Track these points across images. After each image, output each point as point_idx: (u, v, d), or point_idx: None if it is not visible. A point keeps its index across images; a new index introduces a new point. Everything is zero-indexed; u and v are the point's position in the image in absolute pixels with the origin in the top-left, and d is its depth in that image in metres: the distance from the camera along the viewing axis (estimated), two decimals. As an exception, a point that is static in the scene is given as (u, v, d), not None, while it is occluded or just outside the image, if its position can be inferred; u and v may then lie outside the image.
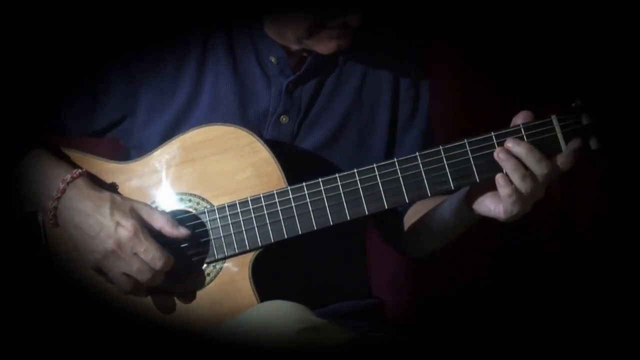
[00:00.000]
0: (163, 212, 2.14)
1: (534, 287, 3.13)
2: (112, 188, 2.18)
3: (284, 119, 2.25)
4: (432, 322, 3.07)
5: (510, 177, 2.04)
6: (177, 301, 2.14)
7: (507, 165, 2.05)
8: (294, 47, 2.22)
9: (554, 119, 2.06)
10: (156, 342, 2.12)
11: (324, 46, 2.17)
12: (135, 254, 2.07)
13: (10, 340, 2.16)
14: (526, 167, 2.04)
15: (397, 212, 2.37)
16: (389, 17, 2.32)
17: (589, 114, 2.04)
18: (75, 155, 2.22)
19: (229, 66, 2.25)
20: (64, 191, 2.12)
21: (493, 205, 2.08)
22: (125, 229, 2.08)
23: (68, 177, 2.12)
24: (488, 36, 2.99)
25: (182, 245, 2.15)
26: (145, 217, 2.11)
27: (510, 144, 2.05)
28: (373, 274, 2.46)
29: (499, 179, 2.05)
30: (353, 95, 2.29)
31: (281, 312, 2.01)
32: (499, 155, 2.05)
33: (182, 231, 2.12)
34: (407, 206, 2.35)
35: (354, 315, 2.24)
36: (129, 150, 2.29)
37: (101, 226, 2.09)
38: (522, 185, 2.03)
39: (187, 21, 2.26)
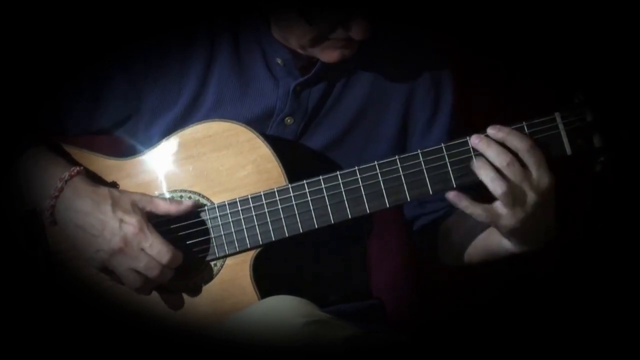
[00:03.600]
0: (163, 197, 2.14)
1: (534, 287, 3.13)
2: (111, 185, 2.17)
3: (288, 121, 2.24)
4: (432, 322, 3.07)
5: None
6: (180, 298, 2.14)
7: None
8: (300, 51, 2.21)
9: (557, 116, 2.05)
10: (158, 340, 2.12)
11: (328, 55, 2.16)
12: (142, 249, 2.06)
13: (11, 340, 2.15)
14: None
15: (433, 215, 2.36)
16: (394, 19, 2.31)
17: (592, 109, 2.03)
18: (74, 151, 2.21)
19: (234, 66, 2.24)
20: (61, 190, 2.11)
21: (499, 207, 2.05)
22: (131, 224, 2.07)
23: (66, 175, 2.11)
24: (488, 33, 2.99)
25: (185, 243, 2.14)
26: (148, 206, 2.10)
27: (474, 140, 2.05)
28: (373, 274, 2.44)
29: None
30: (360, 100, 2.28)
31: (287, 306, 2.02)
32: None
33: (188, 203, 2.11)
34: (446, 211, 2.33)
35: (354, 315, 2.23)
36: (135, 147, 2.27)
37: (104, 224, 2.08)
38: (494, 188, 2.02)
39: (193, 22, 2.25)
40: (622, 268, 3.05)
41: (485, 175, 2.02)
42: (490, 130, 2.05)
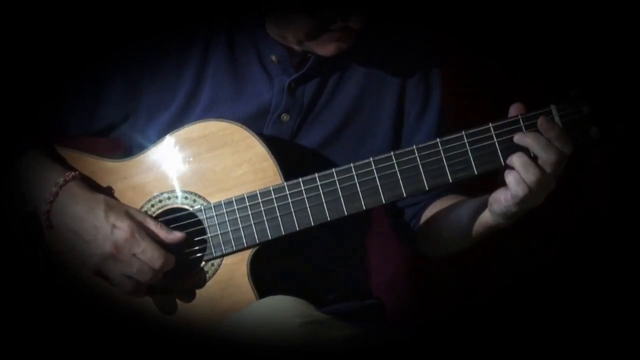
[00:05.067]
0: (155, 219, 2.13)
1: (534, 287, 3.12)
2: (107, 188, 2.18)
3: (285, 117, 2.24)
4: (432, 322, 3.06)
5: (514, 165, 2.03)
6: (177, 300, 2.13)
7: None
8: (296, 47, 2.21)
9: (553, 108, 2.04)
10: (156, 340, 2.11)
11: (325, 48, 2.17)
12: (134, 254, 2.06)
13: (11, 340, 2.15)
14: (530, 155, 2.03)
15: (414, 210, 2.37)
16: (391, 18, 2.31)
17: (588, 102, 2.03)
18: (70, 154, 2.22)
19: (229, 66, 2.25)
20: (57, 194, 2.12)
21: (503, 195, 2.05)
22: (122, 230, 2.07)
23: (61, 180, 2.12)
24: (483, 29, 2.99)
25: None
26: (139, 219, 2.10)
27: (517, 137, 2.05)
28: (373, 274, 2.44)
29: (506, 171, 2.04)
30: (355, 94, 2.28)
31: (284, 306, 2.02)
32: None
33: (177, 235, 2.11)
34: (426, 203, 2.35)
35: (354, 315, 2.23)
36: (132, 149, 2.27)
37: (97, 229, 2.08)
38: (525, 172, 2.01)
39: (189, 22, 2.26)
40: (622, 264, 3.05)
41: (518, 161, 2.01)
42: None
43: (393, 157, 2.08)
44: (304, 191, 2.10)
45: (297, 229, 2.10)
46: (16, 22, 2.69)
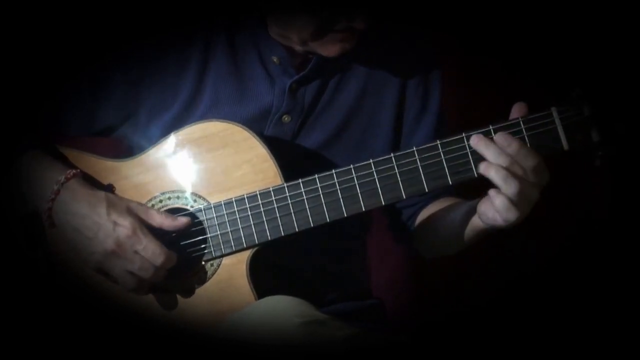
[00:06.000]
0: (159, 210, 2.13)
1: (533, 287, 3.12)
2: (108, 187, 2.18)
3: (286, 119, 2.24)
4: (432, 322, 3.06)
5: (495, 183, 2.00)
6: (177, 298, 2.14)
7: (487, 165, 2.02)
8: (298, 48, 2.21)
9: (553, 111, 2.04)
10: (155, 340, 2.11)
11: (328, 49, 2.17)
12: (136, 251, 2.07)
13: (11, 340, 2.15)
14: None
15: (411, 210, 2.37)
16: (393, 19, 2.31)
17: (589, 103, 2.02)
18: (71, 153, 2.22)
19: (230, 67, 2.24)
20: (58, 192, 2.11)
21: (491, 213, 2.04)
22: (124, 227, 2.07)
23: (62, 178, 2.12)
24: (483, 30, 2.99)
25: (181, 243, 2.14)
26: (143, 216, 2.11)
27: (474, 141, 2.03)
28: (373, 274, 2.45)
29: (490, 191, 2.02)
30: (356, 96, 2.28)
31: (283, 306, 2.02)
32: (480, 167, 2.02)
33: (182, 220, 2.12)
34: (422, 205, 2.35)
35: (354, 315, 2.23)
36: (132, 149, 2.27)
37: (99, 226, 2.08)
38: (507, 188, 1.99)
39: (189, 23, 2.26)
40: (622, 265, 3.05)
41: (497, 175, 1.99)
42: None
43: (393, 158, 2.08)
44: (303, 192, 2.10)
45: (297, 229, 2.10)
46: (16, 22, 2.69)
